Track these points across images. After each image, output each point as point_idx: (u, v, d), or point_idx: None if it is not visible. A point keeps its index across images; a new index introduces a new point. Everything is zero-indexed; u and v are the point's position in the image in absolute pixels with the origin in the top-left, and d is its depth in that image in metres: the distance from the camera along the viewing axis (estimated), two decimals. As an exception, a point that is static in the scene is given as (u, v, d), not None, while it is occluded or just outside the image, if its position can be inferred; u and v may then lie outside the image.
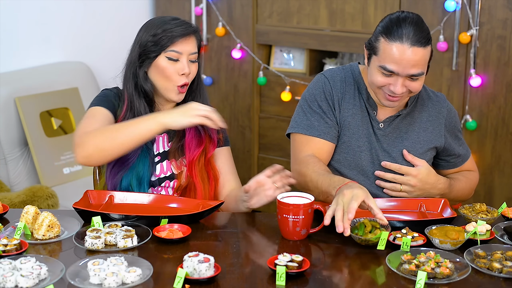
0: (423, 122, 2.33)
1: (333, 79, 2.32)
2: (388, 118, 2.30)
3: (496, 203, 3.48)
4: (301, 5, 3.84)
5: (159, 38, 2.17)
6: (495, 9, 3.36)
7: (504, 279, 1.74)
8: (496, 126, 3.48)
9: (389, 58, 2.12)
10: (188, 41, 2.19)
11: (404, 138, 2.30)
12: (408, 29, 2.10)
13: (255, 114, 4.10)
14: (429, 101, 2.36)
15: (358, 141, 2.29)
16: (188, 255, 1.74)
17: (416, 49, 2.10)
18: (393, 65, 2.12)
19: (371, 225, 1.93)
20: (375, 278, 1.78)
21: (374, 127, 2.30)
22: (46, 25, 3.84)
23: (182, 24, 2.19)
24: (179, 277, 1.69)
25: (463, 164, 2.43)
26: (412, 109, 2.32)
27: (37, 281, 1.68)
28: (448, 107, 2.37)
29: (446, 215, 2.10)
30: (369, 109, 2.30)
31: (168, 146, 2.27)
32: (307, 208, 1.96)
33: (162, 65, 2.18)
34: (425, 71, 2.16)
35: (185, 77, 2.19)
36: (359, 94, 2.31)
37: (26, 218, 1.98)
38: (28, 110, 3.47)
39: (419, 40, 2.10)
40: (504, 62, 3.40)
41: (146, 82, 2.22)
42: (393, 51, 2.11)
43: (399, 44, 2.10)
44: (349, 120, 2.29)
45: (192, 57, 2.21)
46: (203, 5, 4.07)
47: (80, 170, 3.64)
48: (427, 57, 2.14)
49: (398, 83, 2.13)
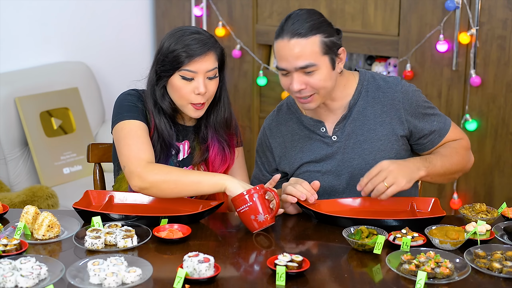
0: (377, 116, 2.22)
1: (270, 129, 2.35)
2: (337, 126, 2.23)
3: (496, 203, 3.48)
4: (301, 5, 3.84)
5: (175, 55, 2.08)
6: (495, 9, 3.36)
7: (504, 279, 1.74)
8: (496, 126, 3.48)
9: (278, 56, 2.11)
10: (204, 59, 2.09)
11: (362, 141, 2.22)
12: (289, 24, 2.08)
13: (255, 114, 4.10)
14: (379, 91, 2.23)
15: (316, 167, 2.25)
16: (188, 255, 1.74)
17: (296, 40, 2.06)
18: (281, 62, 2.10)
19: (368, 231, 1.94)
20: (375, 278, 1.78)
21: (329, 144, 2.24)
22: (46, 25, 3.84)
23: (199, 41, 2.09)
24: (179, 277, 1.69)
25: (444, 138, 2.27)
26: (363, 107, 2.22)
27: (37, 281, 1.68)
28: (402, 90, 2.22)
29: (437, 214, 2.09)
30: (316, 130, 2.25)
31: (187, 153, 2.25)
32: (251, 194, 1.98)
33: (176, 84, 2.11)
34: (319, 63, 2.07)
35: (200, 96, 2.11)
36: (298, 123, 2.29)
37: (26, 218, 1.98)
38: (28, 110, 3.47)
39: (298, 31, 2.05)
40: (504, 62, 3.40)
41: (164, 100, 2.16)
42: (278, 47, 2.10)
43: (281, 39, 2.09)
44: (300, 155, 2.28)
45: (210, 74, 2.12)
46: (203, 5, 4.07)
47: (80, 170, 3.65)
48: (314, 48, 2.06)
49: (294, 80, 2.10)
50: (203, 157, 2.24)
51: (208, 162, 2.24)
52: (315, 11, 2.13)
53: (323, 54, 2.09)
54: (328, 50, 2.09)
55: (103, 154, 2.51)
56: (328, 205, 2.17)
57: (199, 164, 2.24)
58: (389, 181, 2.03)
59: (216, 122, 2.23)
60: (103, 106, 4.00)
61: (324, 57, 2.09)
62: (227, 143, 2.26)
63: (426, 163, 2.13)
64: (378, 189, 2.04)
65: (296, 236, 2.04)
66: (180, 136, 2.23)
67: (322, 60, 2.09)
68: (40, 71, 3.74)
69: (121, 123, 2.14)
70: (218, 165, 2.24)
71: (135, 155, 2.06)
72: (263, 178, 2.37)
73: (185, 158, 2.24)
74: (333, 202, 2.19)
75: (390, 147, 2.22)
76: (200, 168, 2.25)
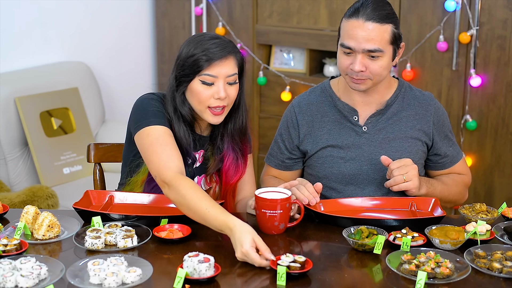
0: (410, 121, 2.31)
1: (299, 106, 2.38)
2: (370, 119, 2.30)
3: (496, 203, 3.48)
4: (301, 5, 3.84)
5: (195, 60, 2.06)
6: (495, 9, 3.36)
7: (504, 279, 1.74)
8: (496, 126, 3.48)
9: (346, 34, 2.18)
10: (225, 63, 2.07)
11: (391, 138, 2.29)
12: (365, 6, 2.16)
13: (255, 114, 4.10)
14: (415, 100, 2.34)
15: (340, 153, 2.30)
16: (188, 255, 1.74)
17: (371, 23, 2.14)
18: (349, 41, 2.17)
19: (368, 231, 1.94)
20: (375, 278, 1.78)
21: (358, 133, 2.30)
22: (46, 25, 3.84)
23: (219, 45, 2.08)
24: (179, 277, 1.69)
25: (453, 166, 2.38)
26: (398, 109, 2.31)
27: (37, 281, 1.68)
28: (436, 105, 2.35)
29: (437, 214, 2.10)
30: (349, 116, 2.30)
31: (199, 161, 2.23)
32: (284, 202, 2.00)
33: (196, 89, 2.08)
34: (385, 50, 2.17)
35: (220, 101, 2.08)
36: (333, 107, 2.34)
37: (26, 218, 1.98)
38: (28, 110, 3.47)
39: (374, 16, 2.14)
40: (504, 62, 3.40)
41: (184, 106, 2.13)
42: (349, 26, 2.17)
43: (355, 20, 2.16)
44: (326, 137, 2.32)
45: (230, 79, 2.09)
46: (203, 5, 4.07)
47: (80, 170, 3.65)
48: (385, 35, 2.16)
49: (357, 60, 2.16)
50: (217, 167, 2.23)
51: (222, 172, 2.24)
52: (388, 2, 2.22)
53: (390, 44, 2.18)
54: (395, 40, 2.19)
55: (103, 154, 2.51)
56: (328, 205, 2.17)
57: (212, 173, 2.24)
58: (408, 176, 2.13)
59: (234, 130, 2.21)
60: (103, 106, 4.00)
61: (390, 46, 2.19)
62: (241, 152, 2.25)
63: (428, 184, 2.25)
64: (396, 179, 2.13)
65: (297, 236, 2.04)
66: (196, 145, 2.21)
67: (388, 48, 2.18)
68: (40, 71, 3.74)
69: (147, 129, 2.08)
70: (232, 175, 2.24)
71: (165, 163, 2.01)
72: (280, 156, 2.41)
73: (198, 167, 2.23)
74: (333, 202, 2.20)
75: (415, 150, 2.31)
76: (213, 178, 2.25)
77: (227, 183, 2.24)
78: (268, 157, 2.46)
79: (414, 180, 2.14)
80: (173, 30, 4.24)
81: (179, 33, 4.22)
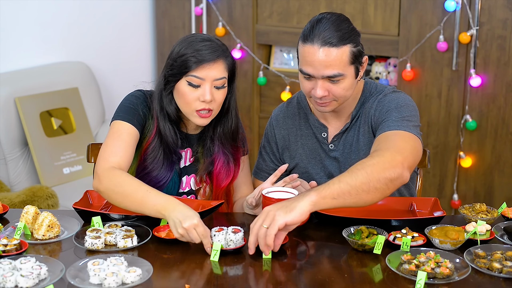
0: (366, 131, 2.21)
1: (277, 119, 2.36)
2: (336, 137, 2.25)
3: (496, 203, 3.48)
4: (301, 5, 3.84)
5: (184, 60, 2.06)
6: (495, 9, 3.36)
7: (504, 279, 1.74)
8: (496, 126, 3.48)
9: (304, 60, 2.08)
10: (213, 66, 2.06)
11: (352, 152, 2.23)
12: (321, 29, 2.04)
13: (255, 114, 4.10)
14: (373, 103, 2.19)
15: (314, 168, 2.28)
16: (215, 229, 1.90)
17: (327, 49, 2.03)
18: (307, 68, 2.07)
19: (368, 231, 1.94)
20: (375, 278, 1.78)
21: (325, 151, 2.27)
22: (46, 25, 3.84)
23: (210, 47, 2.06)
24: (215, 250, 1.82)
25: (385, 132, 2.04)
26: (362, 121, 2.21)
27: (37, 281, 1.68)
28: (378, 99, 2.17)
29: (437, 214, 2.09)
30: (317, 134, 2.27)
31: (190, 161, 2.23)
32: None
33: (183, 90, 2.08)
34: (346, 73, 2.07)
35: (206, 104, 2.07)
36: (307, 121, 2.30)
37: (26, 218, 1.98)
38: (28, 110, 3.47)
39: (330, 40, 2.03)
40: (504, 62, 3.40)
41: (170, 105, 2.13)
42: (306, 53, 2.06)
43: (310, 45, 2.05)
44: (300, 151, 2.30)
45: (218, 83, 2.07)
46: (203, 5, 4.07)
47: (80, 170, 3.65)
48: (343, 57, 2.05)
49: (317, 86, 2.08)
50: (207, 170, 2.23)
51: (213, 175, 2.24)
52: (345, 18, 2.11)
53: (350, 64, 2.08)
54: (355, 59, 2.09)
55: (103, 154, 2.51)
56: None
57: (203, 175, 2.24)
58: (266, 222, 1.80)
59: (223, 134, 2.21)
60: (103, 106, 4.00)
61: (351, 66, 2.09)
62: (232, 156, 2.24)
63: (320, 188, 1.83)
64: (260, 235, 1.79)
65: (296, 236, 2.04)
66: (183, 143, 2.21)
67: (349, 69, 2.08)
68: (40, 71, 3.74)
69: (114, 122, 2.12)
70: (223, 178, 2.23)
71: (106, 156, 2.04)
72: (266, 168, 2.38)
73: (187, 166, 2.23)
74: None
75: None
76: (203, 179, 2.24)
77: (218, 186, 2.24)
78: (256, 171, 2.42)
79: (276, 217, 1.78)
80: (173, 30, 4.24)
81: (179, 33, 4.22)
